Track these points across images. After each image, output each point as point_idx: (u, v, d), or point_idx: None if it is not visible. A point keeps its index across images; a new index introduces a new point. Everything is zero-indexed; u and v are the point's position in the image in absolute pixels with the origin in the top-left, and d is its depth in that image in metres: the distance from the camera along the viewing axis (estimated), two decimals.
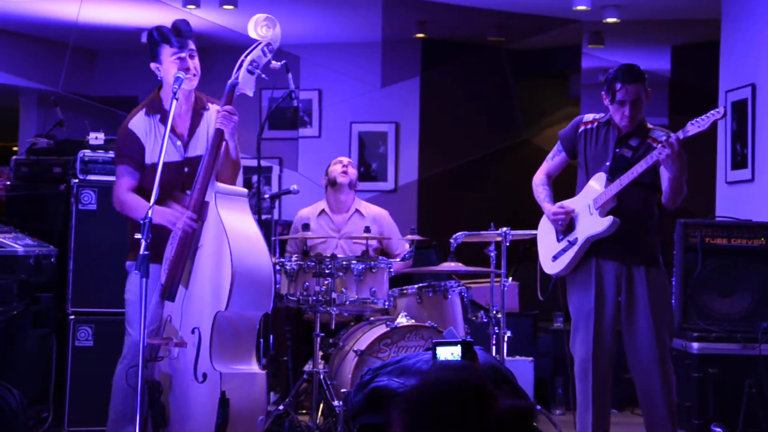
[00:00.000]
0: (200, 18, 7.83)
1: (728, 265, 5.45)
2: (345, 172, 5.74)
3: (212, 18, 7.74)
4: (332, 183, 5.77)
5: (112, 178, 5.15)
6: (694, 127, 3.99)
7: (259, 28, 3.96)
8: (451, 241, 5.33)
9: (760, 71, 6.05)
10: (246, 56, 3.99)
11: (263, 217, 5.34)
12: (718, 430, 5.17)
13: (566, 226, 4.33)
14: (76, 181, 5.14)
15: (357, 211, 5.79)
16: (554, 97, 9.51)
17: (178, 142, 4.10)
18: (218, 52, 9.33)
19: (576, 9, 7.20)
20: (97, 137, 5.24)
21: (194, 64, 4.05)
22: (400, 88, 8.99)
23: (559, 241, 4.37)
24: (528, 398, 2.66)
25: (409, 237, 5.32)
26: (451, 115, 9.04)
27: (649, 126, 4.37)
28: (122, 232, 4.22)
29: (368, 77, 8.98)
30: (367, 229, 5.39)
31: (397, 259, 5.51)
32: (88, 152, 5.19)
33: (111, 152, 5.19)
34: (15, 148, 9.86)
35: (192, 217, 3.88)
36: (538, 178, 4.53)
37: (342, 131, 8.95)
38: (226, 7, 7.45)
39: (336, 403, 4.71)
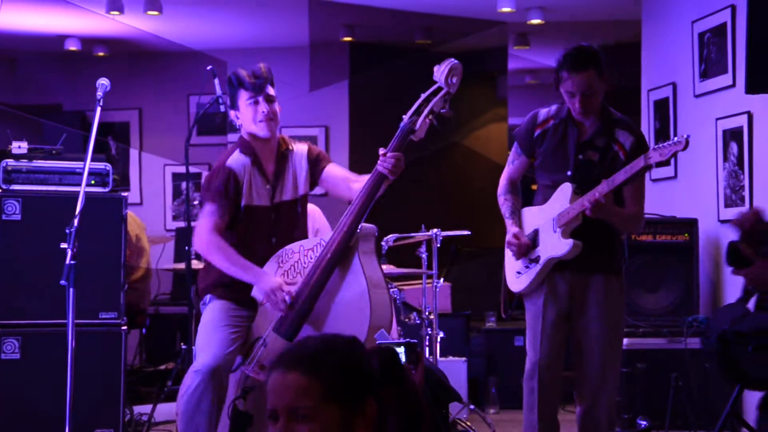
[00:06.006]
0: (124, 24, 7.73)
1: (654, 261, 5.57)
2: None
3: (136, 24, 7.63)
4: None
5: (36, 188, 5.08)
6: (656, 154, 3.54)
7: (450, 76, 3.63)
8: (383, 243, 5.34)
9: (680, 70, 6.17)
10: (425, 102, 3.72)
11: (192, 223, 5.28)
12: (643, 423, 5.27)
13: (522, 252, 3.94)
14: (0, 191, 5.04)
15: None
16: (482, 98, 9.58)
17: (267, 186, 3.87)
18: (143, 59, 9.23)
19: (501, 11, 7.27)
20: (20, 146, 5.13)
21: (271, 108, 3.87)
22: (328, 92, 8.98)
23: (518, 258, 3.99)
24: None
25: None
26: (381, 118, 9.00)
27: (615, 117, 3.88)
28: (47, 241, 4.09)
29: (296, 81, 8.95)
30: None
31: None
32: (11, 161, 5.08)
33: (35, 161, 5.09)
34: None
35: (286, 300, 3.63)
36: (502, 187, 4.13)
37: None
38: (150, 12, 7.36)
39: None
